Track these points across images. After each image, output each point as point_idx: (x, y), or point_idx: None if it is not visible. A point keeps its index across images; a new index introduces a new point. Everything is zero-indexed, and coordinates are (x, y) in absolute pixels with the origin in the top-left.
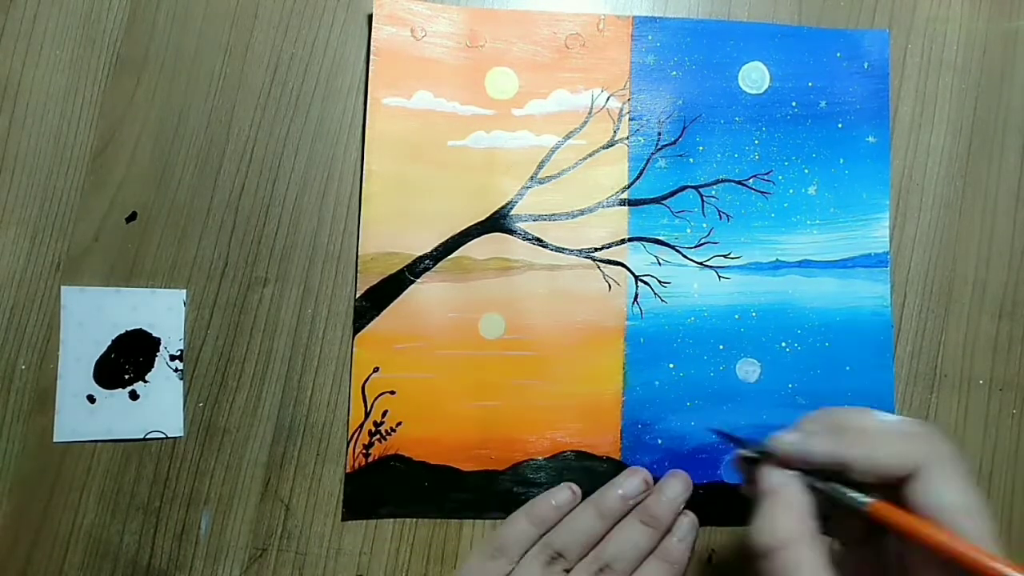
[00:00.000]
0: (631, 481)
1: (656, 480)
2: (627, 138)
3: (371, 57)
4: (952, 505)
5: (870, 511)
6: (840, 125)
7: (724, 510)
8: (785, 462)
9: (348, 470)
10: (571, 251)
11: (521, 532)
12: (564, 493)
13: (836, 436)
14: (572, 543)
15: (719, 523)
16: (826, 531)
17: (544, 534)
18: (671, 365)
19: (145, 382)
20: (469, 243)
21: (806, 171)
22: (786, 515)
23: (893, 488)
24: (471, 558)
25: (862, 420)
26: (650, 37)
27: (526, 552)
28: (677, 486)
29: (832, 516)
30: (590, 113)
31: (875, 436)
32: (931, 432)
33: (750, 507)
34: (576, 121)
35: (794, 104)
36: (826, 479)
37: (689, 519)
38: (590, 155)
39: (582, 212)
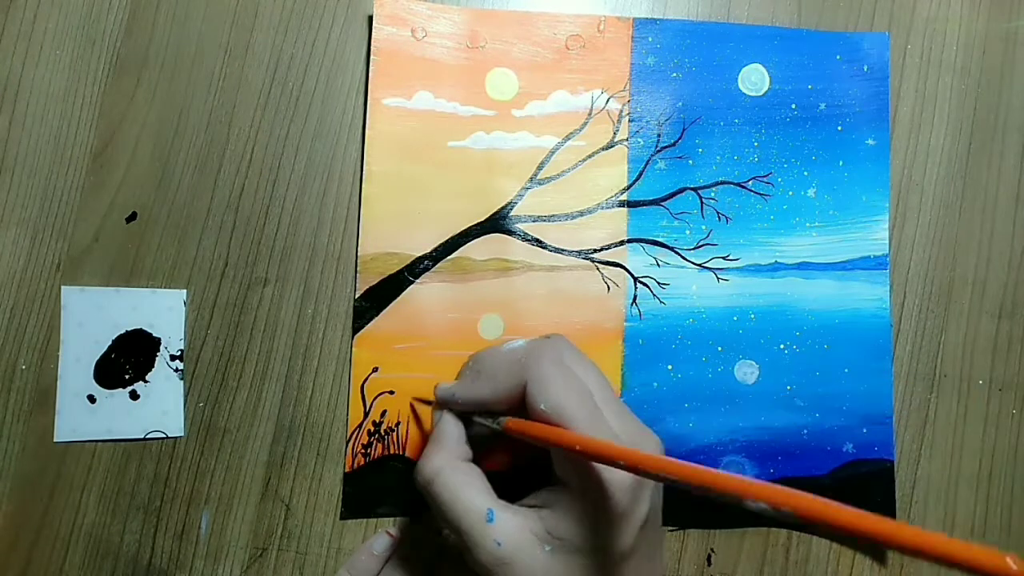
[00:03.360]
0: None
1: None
2: (627, 139)
3: (371, 57)
4: (547, 406)
5: (504, 430)
6: (840, 127)
7: (723, 511)
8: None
9: (347, 470)
10: (570, 252)
11: None
12: (381, 540)
13: (472, 377)
14: None
15: (718, 524)
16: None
17: None
18: (669, 366)
19: (145, 382)
20: (469, 244)
21: (805, 173)
22: (435, 451)
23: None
24: None
25: (490, 357)
26: (650, 39)
27: None
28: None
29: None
30: (590, 114)
31: (496, 368)
32: (535, 347)
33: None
34: (576, 122)
35: (794, 106)
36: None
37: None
38: (590, 156)
39: (581, 213)
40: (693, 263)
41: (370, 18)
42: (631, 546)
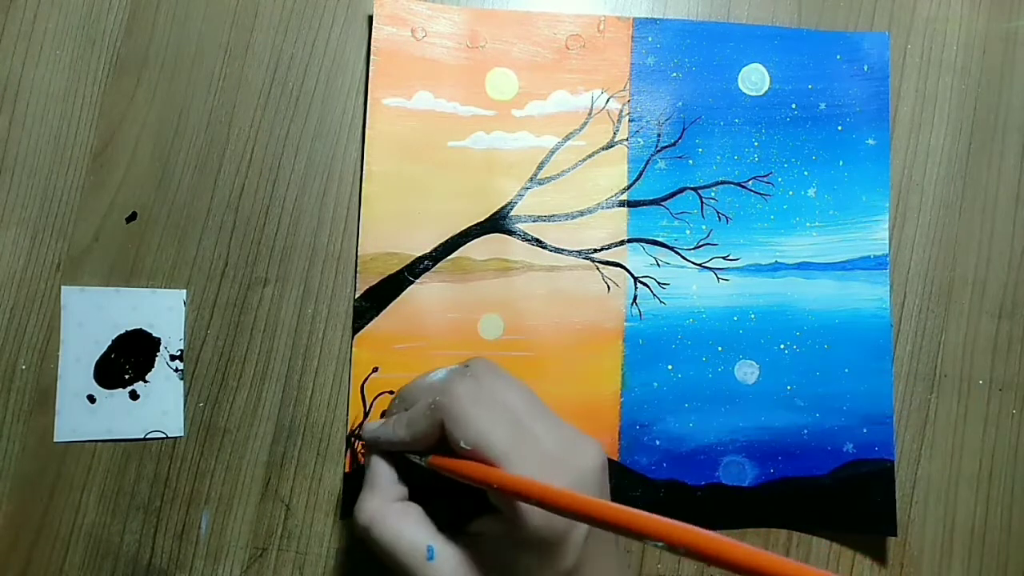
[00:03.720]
0: None
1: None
2: (627, 139)
3: (371, 57)
4: (467, 443)
5: (429, 466)
6: (840, 127)
7: (723, 511)
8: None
9: (347, 470)
10: (570, 252)
11: None
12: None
13: (395, 422)
14: None
15: (718, 525)
16: None
17: None
18: (669, 366)
19: (145, 382)
20: (469, 244)
21: (806, 173)
22: (368, 496)
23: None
24: None
25: (410, 398)
26: (650, 38)
27: None
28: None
29: None
30: (590, 114)
31: (414, 415)
32: (448, 381)
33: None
34: (576, 122)
35: (794, 106)
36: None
37: None
38: (590, 156)
39: (581, 213)
40: (693, 263)
41: (370, 18)
42: (575, 563)
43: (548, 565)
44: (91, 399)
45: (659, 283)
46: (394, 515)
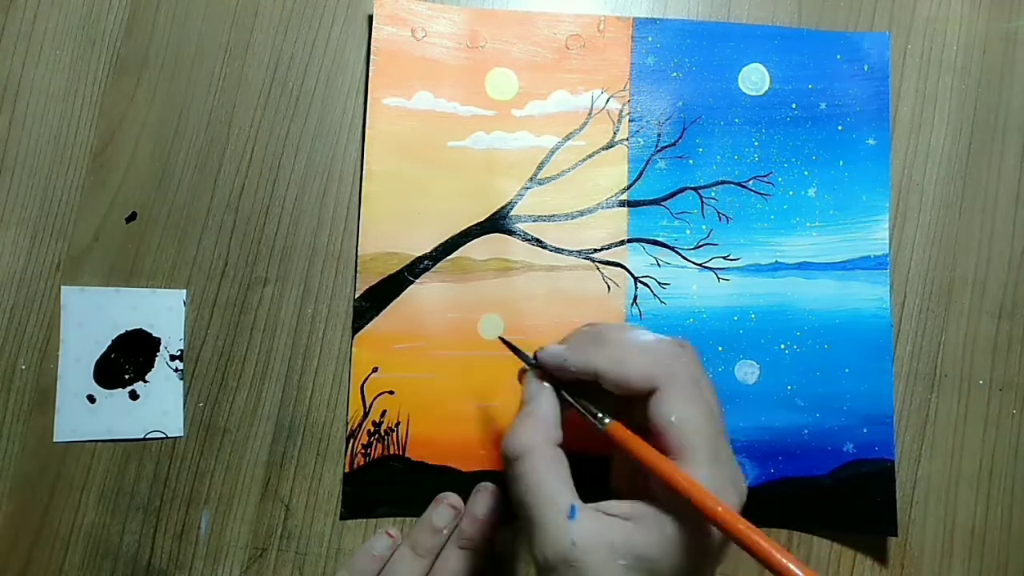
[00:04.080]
0: (439, 512)
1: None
2: (627, 139)
3: (371, 57)
4: (678, 421)
5: (607, 431)
6: (840, 127)
7: None
8: (548, 372)
9: (347, 470)
10: (570, 252)
11: None
12: (381, 540)
13: (593, 348)
14: None
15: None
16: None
17: None
18: None
19: (145, 382)
20: (469, 244)
21: (806, 173)
22: (531, 427)
23: (644, 400)
24: None
25: (620, 335)
26: (650, 38)
27: None
28: (485, 502)
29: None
30: (590, 114)
31: (627, 351)
32: (677, 353)
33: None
34: (576, 122)
35: (794, 106)
36: (583, 392)
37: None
38: (590, 156)
39: (581, 213)
40: (693, 263)
41: (370, 18)
42: None
43: (695, 571)
44: (91, 399)
45: (659, 283)
46: (549, 458)
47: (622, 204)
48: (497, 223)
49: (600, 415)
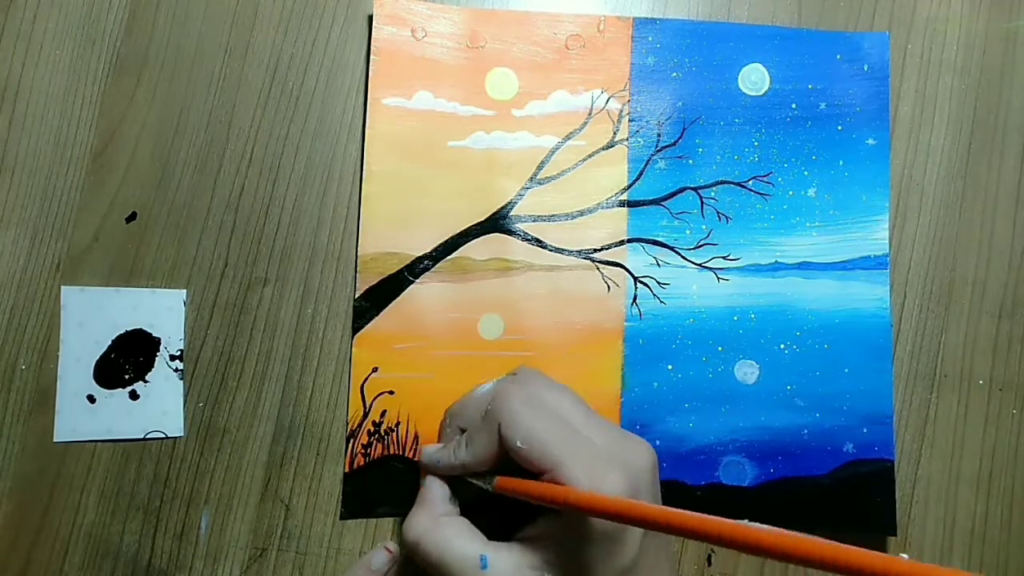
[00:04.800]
0: (377, 555)
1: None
2: (627, 139)
3: (371, 57)
4: (524, 442)
5: (496, 490)
6: (840, 127)
7: (723, 511)
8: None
9: (347, 470)
10: (570, 252)
11: None
12: (379, 555)
13: (455, 447)
14: None
15: None
16: None
17: None
18: (669, 366)
19: (145, 382)
20: (468, 243)
21: (806, 173)
22: (422, 513)
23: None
24: None
25: (465, 416)
26: (650, 38)
27: None
28: (381, 558)
29: None
30: (590, 114)
31: (472, 435)
32: (504, 386)
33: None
34: (576, 122)
35: (794, 106)
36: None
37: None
38: (590, 156)
39: (581, 213)
40: (693, 263)
41: (370, 18)
42: (632, 560)
43: (608, 563)
44: (91, 399)
45: (659, 283)
46: (442, 529)
47: (622, 204)
48: (497, 223)
49: (487, 479)
